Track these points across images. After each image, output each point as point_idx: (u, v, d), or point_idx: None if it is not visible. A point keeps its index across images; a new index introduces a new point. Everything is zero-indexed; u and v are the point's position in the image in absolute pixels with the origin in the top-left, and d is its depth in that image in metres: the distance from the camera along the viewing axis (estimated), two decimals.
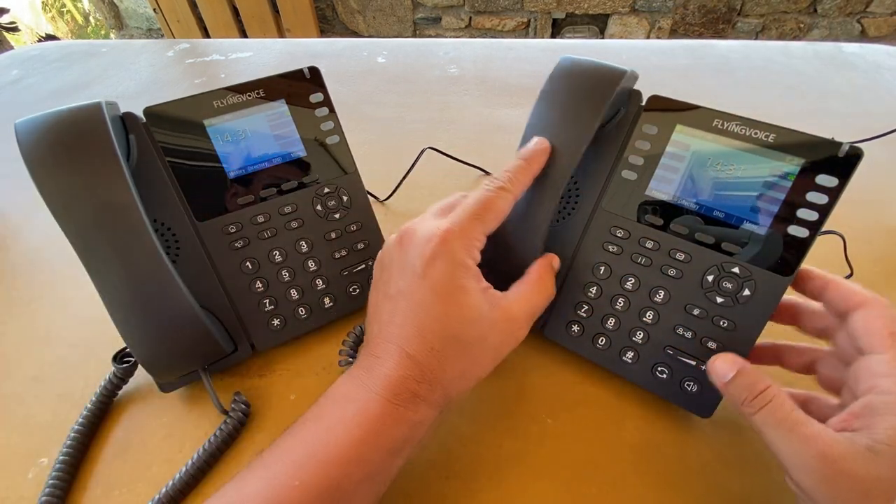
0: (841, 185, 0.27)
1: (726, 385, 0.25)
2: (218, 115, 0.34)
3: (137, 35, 2.37)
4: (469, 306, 0.25)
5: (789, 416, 0.22)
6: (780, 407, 0.23)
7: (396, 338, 0.25)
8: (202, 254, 0.34)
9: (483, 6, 1.99)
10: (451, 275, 0.25)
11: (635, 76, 0.33)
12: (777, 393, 0.23)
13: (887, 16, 1.85)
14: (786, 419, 0.22)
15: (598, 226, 0.34)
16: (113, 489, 0.30)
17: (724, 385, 0.25)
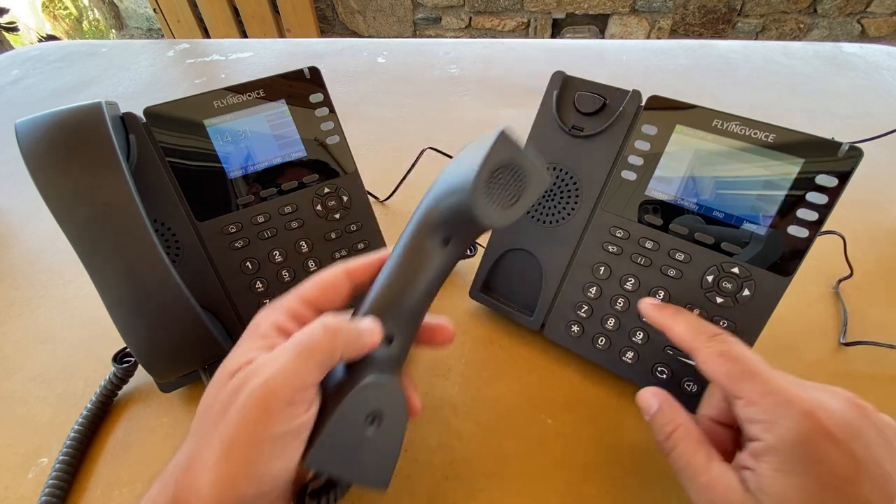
0: (841, 185, 0.27)
1: (650, 420, 0.26)
2: (218, 116, 0.34)
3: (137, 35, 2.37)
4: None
5: (690, 462, 0.23)
6: (684, 453, 0.23)
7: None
8: (202, 254, 0.34)
9: (483, 6, 2.00)
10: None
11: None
12: (683, 437, 0.24)
13: (887, 16, 1.85)
14: (687, 467, 0.23)
15: (597, 226, 0.34)
16: (113, 489, 0.30)
17: (649, 420, 0.26)
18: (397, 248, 0.26)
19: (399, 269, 0.26)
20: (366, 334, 0.23)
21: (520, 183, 0.25)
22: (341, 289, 0.26)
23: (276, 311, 0.24)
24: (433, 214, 0.26)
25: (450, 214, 0.25)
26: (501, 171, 0.24)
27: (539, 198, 0.27)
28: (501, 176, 0.24)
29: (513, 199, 0.25)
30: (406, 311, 0.25)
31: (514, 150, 0.25)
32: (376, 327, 0.23)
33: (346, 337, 0.22)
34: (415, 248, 0.26)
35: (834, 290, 0.41)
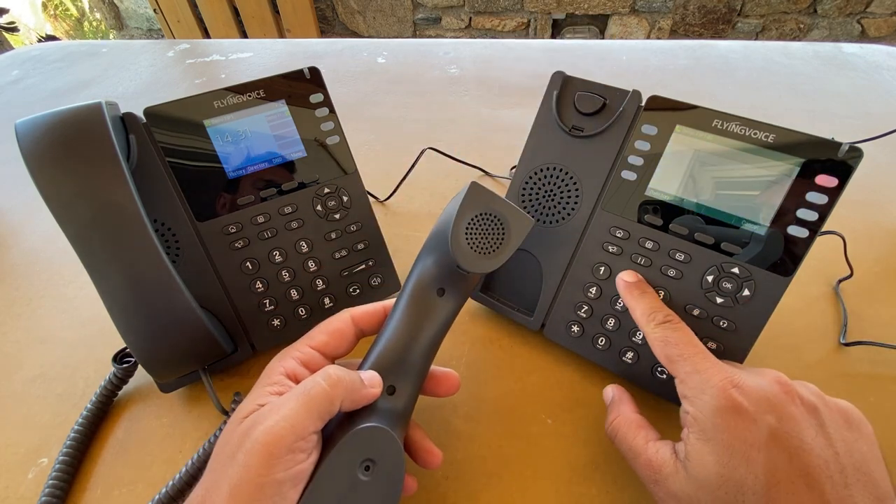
0: (841, 186, 0.27)
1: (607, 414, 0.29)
2: (218, 116, 0.34)
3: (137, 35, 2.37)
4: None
5: (630, 446, 0.26)
6: (624, 438, 0.27)
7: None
8: (202, 254, 0.34)
9: (483, 6, 2.00)
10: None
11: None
12: (622, 425, 0.27)
13: (887, 16, 1.85)
14: (629, 450, 0.26)
15: (597, 226, 0.34)
16: (113, 489, 0.30)
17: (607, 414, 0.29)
18: (398, 303, 0.28)
19: (399, 322, 0.27)
20: (366, 386, 0.24)
21: (500, 229, 0.28)
22: (348, 335, 0.28)
23: (286, 357, 0.26)
24: (424, 268, 0.28)
25: (437, 267, 0.27)
26: (477, 220, 0.27)
27: (523, 239, 0.28)
28: (479, 225, 0.27)
29: (496, 245, 0.27)
30: (408, 363, 0.26)
31: (486, 200, 0.27)
32: (376, 379, 0.25)
33: (346, 387, 0.23)
34: (413, 301, 0.27)
35: (834, 290, 0.41)
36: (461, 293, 0.28)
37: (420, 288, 0.27)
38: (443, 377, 0.29)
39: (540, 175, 0.36)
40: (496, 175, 0.55)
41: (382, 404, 0.25)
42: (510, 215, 0.28)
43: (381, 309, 0.29)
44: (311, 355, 0.26)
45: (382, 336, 0.27)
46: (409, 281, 0.28)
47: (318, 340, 0.27)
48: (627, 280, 0.32)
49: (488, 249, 0.27)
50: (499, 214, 0.27)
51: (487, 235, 0.27)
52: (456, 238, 0.26)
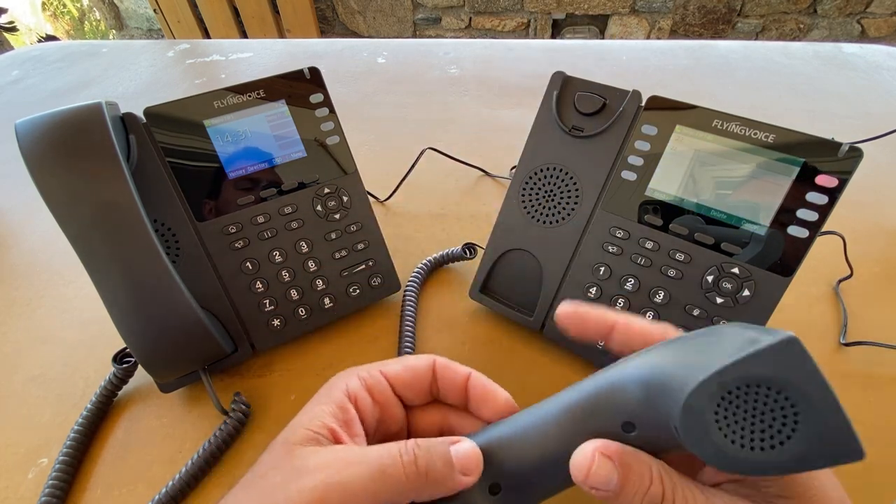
0: (841, 186, 0.27)
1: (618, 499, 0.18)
2: (218, 116, 0.34)
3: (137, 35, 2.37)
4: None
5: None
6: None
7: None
8: (202, 254, 0.34)
9: (483, 6, 2.00)
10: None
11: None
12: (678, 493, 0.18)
13: (887, 16, 1.85)
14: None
15: (597, 226, 0.34)
16: (113, 489, 0.30)
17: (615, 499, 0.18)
18: (560, 394, 0.20)
19: (542, 411, 0.20)
20: (455, 472, 0.19)
21: (791, 423, 0.15)
22: (423, 379, 0.24)
23: (352, 376, 0.23)
24: (625, 386, 0.18)
25: (649, 393, 0.17)
26: (752, 392, 0.15)
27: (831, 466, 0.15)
28: (749, 399, 0.15)
29: (759, 442, 0.15)
30: (533, 471, 0.19)
31: (794, 371, 0.15)
32: (472, 461, 0.19)
33: (429, 480, 0.19)
34: (580, 410, 0.19)
35: (834, 290, 0.41)
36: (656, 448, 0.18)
37: (600, 398, 0.19)
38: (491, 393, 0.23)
39: (540, 175, 0.36)
40: (496, 175, 0.55)
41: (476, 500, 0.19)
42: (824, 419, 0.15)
43: (465, 375, 0.23)
44: (379, 381, 0.23)
45: (512, 420, 0.21)
46: (595, 380, 0.19)
47: (393, 370, 0.23)
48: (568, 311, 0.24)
49: (742, 440, 0.15)
50: (801, 405, 0.15)
51: (756, 419, 0.15)
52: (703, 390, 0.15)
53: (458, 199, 0.52)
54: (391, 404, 0.24)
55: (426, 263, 0.42)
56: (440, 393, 0.24)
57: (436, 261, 0.42)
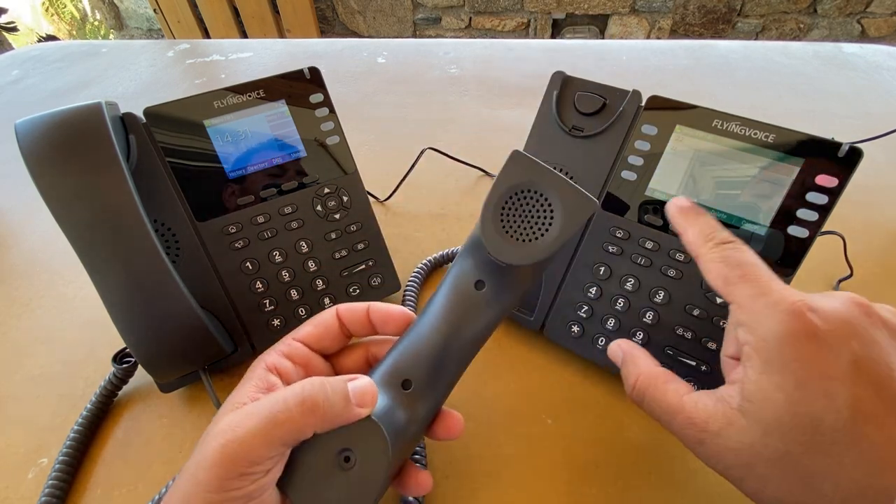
0: (841, 186, 0.27)
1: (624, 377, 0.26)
2: (218, 116, 0.34)
3: (137, 35, 2.37)
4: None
5: (663, 406, 0.23)
6: (653, 398, 0.23)
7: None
8: (202, 254, 0.34)
9: (483, 6, 2.00)
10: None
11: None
12: (648, 384, 0.24)
13: (887, 16, 1.85)
14: (663, 412, 0.23)
15: (597, 226, 0.34)
16: (113, 489, 0.30)
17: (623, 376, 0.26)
18: (433, 295, 0.24)
19: (427, 314, 0.23)
20: (351, 405, 0.21)
21: (547, 211, 0.21)
22: (333, 328, 0.26)
23: (270, 351, 0.25)
24: (462, 256, 0.24)
25: (474, 256, 0.23)
26: (517, 199, 0.21)
27: (579, 228, 0.22)
28: (519, 205, 0.21)
29: (538, 231, 0.21)
30: (428, 358, 0.22)
31: (530, 174, 0.21)
32: (368, 395, 0.21)
33: (322, 415, 0.20)
34: (446, 291, 0.23)
35: (834, 290, 0.41)
36: (505, 290, 0.23)
37: (455, 277, 0.23)
38: (446, 416, 0.25)
39: None
40: (496, 175, 0.55)
41: (390, 397, 0.22)
42: (562, 194, 0.21)
43: (364, 309, 0.26)
44: (296, 347, 0.25)
45: (408, 329, 0.24)
46: (447, 272, 0.24)
47: (304, 332, 0.26)
48: (682, 205, 0.26)
49: (527, 236, 0.21)
50: (546, 192, 0.21)
51: (528, 218, 0.21)
52: (486, 218, 0.21)
53: (458, 199, 0.52)
54: (311, 360, 0.26)
55: (426, 263, 0.42)
56: (351, 331, 0.27)
57: (436, 261, 0.42)
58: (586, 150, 0.34)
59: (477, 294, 0.23)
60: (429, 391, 0.23)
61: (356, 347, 0.28)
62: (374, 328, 0.27)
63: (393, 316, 0.26)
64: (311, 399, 0.20)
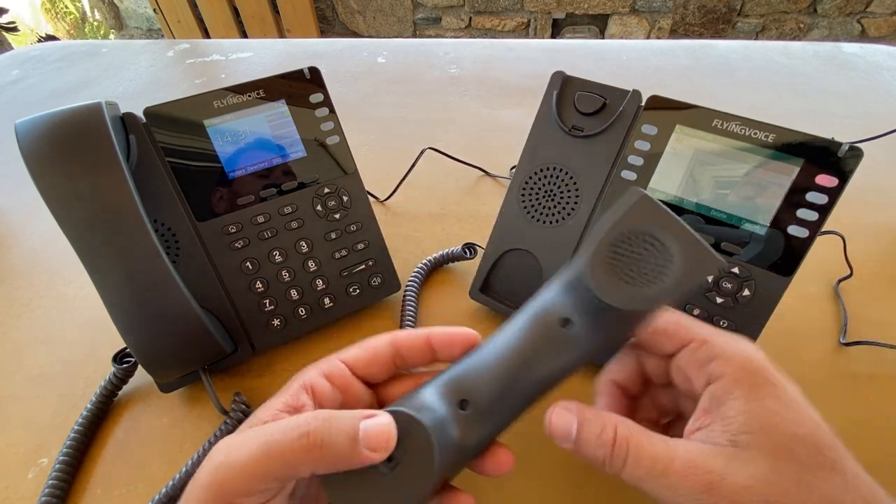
0: (841, 185, 0.27)
1: (576, 447, 0.20)
2: (218, 116, 0.34)
3: (137, 35, 2.37)
4: None
5: (653, 459, 0.19)
6: (639, 453, 0.19)
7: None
8: (202, 254, 0.34)
9: (483, 6, 1.99)
10: None
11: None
12: (629, 435, 0.20)
13: (887, 16, 1.85)
14: (652, 467, 0.19)
15: None
16: (113, 489, 0.30)
17: (574, 447, 0.20)
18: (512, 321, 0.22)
19: (497, 338, 0.22)
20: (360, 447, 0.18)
21: (665, 259, 0.20)
22: (383, 356, 0.24)
23: (310, 369, 0.23)
24: (552, 287, 0.22)
25: (568, 289, 0.21)
26: (634, 241, 0.20)
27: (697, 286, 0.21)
28: (634, 247, 0.20)
29: (649, 279, 0.20)
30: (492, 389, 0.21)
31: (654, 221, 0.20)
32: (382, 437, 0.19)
33: (325, 453, 0.18)
34: (524, 320, 0.21)
35: (834, 290, 0.41)
36: (594, 334, 0.21)
37: (538, 309, 0.22)
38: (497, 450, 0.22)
39: (540, 175, 0.36)
40: (496, 175, 0.55)
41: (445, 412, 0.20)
42: (687, 248, 0.20)
43: (423, 336, 0.24)
44: (338, 368, 0.23)
45: (475, 349, 0.22)
46: (529, 300, 0.22)
47: (350, 354, 0.24)
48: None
49: (639, 280, 0.20)
50: (668, 242, 0.20)
51: (640, 264, 0.20)
52: (597, 254, 0.20)
53: (458, 199, 0.52)
54: (352, 386, 0.24)
55: (426, 263, 0.42)
56: (407, 361, 0.24)
57: (436, 261, 0.42)
58: (586, 149, 0.34)
59: (561, 332, 0.21)
60: (485, 420, 0.21)
61: (406, 378, 0.25)
62: (433, 355, 0.24)
63: (457, 339, 0.23)
64: (314, 435, 0.18)
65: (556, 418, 0.21)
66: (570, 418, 0.21)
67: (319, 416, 0.19)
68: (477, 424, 0.20)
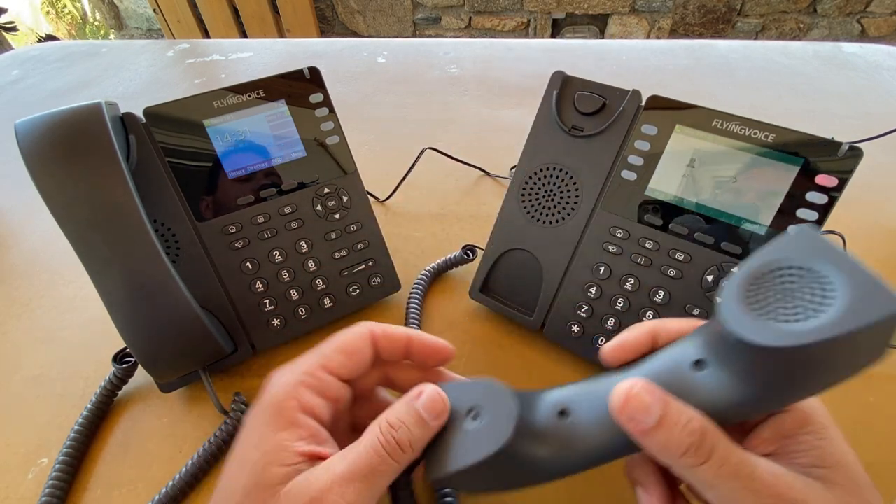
0: (841, 185, 0.27)
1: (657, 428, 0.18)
2: (218, 116, 0.34)
3: (137, 35, 2.37)
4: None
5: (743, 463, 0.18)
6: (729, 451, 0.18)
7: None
8: (202, 254, 0.34)
9: (483, 6, 1.99)
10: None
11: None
12: (714, 430, 0.18)
13: (887, 16, 1.85)
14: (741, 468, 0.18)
15: (597, 226, 0.34)
16: (113, 489, 0.30)
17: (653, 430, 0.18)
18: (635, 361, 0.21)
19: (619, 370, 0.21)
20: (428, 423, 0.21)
21: (823, 296, 0.16)
22: (365, 355, 0.24)
23: (298, 388, 0.22)
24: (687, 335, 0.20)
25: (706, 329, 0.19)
26: (789, 275, 0.17)
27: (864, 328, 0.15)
28: (787, 282, 0.17)
29: (803, 316, 0.16)
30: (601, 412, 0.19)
31: (816, 256, 0.17)
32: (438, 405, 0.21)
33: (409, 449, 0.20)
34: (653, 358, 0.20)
35: None
36: (729, 378, 0.18)
37: (671, 350, 0.20)
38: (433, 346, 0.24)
39: (540, 175, 0.36)
40: (496, 175, 0.55)
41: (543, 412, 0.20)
42: (855, 283, 0.16)
43: (404, 337, 0.24)
44: (326, 380, 0.22)
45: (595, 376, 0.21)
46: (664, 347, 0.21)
47: (336, 362, 0.23)
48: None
49: (784, 317, 0.17)
50: (831, 275, 0.16)
51: (791, 298, 0.17)
52: (732, 286, 0.18)
53: (458, 199, 0.52)
54: (341, 393, 0.24)
55: (428, 272, 0.41)
56: (383, 355, 0.24)
57: (437, 269, 0.42)
58: (586, 149, 0.34)
59: (689, 374, 0.19)
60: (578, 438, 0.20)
61: (374, 368, 0.25)
62: (407, 356, 0.25)
63: (438, 352, 0.24)
64: (398, 436, 0.20)
65: (639, 391, 0.18)
66: (656, 397, 0.18)
67: (390, 421, 0.20)
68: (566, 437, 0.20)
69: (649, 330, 0.22)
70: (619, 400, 0.18)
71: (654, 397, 0.18)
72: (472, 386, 0.22)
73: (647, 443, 0.18)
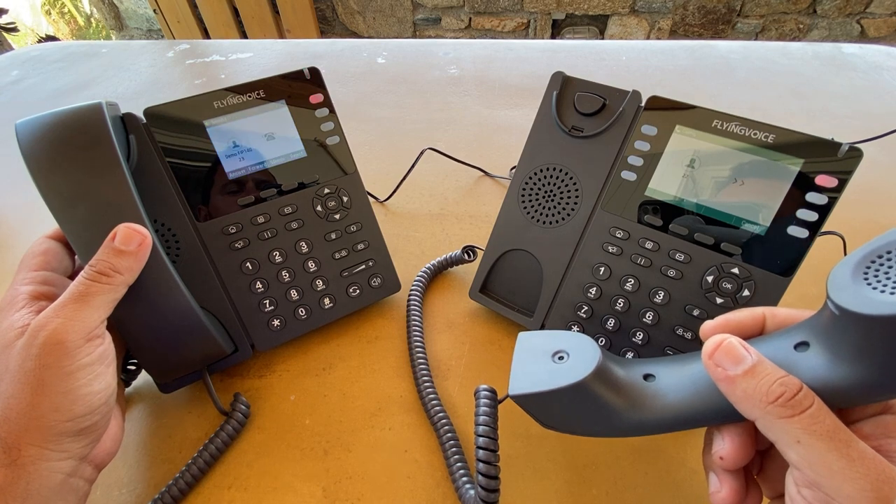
0: (840, 186, 0.27)
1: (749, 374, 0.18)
2: (218, 116, 0.34)
3: (137, 35, 2.37)
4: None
5: (839, 428, 0.17)
6: (826, 415, 0.17)
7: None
8: (202, 254, 0.34)
9: (483, 7, 2.00)
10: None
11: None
12: (816, 397, 0.18)
13: (887, 16, 1.85)
14: (836, 432, 0.17)
15: (597, 226, 0.34)
16: (113, 489, 0.30)
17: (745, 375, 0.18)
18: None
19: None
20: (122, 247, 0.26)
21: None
22: (57, 252, 0.28)
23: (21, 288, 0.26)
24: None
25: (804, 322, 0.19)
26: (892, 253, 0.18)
27: None
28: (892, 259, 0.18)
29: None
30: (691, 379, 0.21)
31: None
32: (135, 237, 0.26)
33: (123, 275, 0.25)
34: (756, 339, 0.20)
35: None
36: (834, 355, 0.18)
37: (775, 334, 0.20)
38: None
39: (540, 175, 0.36)
40: (496, 175, 0.55)
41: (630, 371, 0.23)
42: None
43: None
44: (46, 278, 0.27)
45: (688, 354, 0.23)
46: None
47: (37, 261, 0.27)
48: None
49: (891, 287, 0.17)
50: None
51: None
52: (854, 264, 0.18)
53: (458, 200, 0.52)
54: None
55: (428, 269, 0.41)
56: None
57: (437, 267, 0.42)
58: (586, 150, 0.34)
59: (793, 354, 0.19)
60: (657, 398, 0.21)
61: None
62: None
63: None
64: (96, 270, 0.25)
65: (732, 340, 0.19)
66: (749, 350, 0.19)
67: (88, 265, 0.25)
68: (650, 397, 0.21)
69: (757, 314, 0.22)
70: (711, 345, 0.19)
71: (747, 350, 0.19)
72: (564, 334, 0.25)
73: (731, 390, 0.19)
